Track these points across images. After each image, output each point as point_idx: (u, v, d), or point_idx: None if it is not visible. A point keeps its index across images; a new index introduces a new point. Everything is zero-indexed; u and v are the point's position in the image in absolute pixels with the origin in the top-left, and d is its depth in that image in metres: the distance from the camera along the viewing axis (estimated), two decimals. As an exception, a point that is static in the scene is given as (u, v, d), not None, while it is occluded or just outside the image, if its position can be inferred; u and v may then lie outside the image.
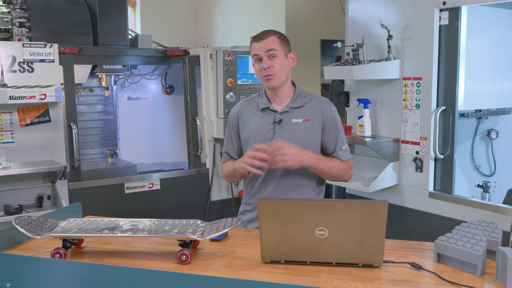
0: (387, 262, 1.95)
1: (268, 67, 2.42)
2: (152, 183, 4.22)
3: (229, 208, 4.49)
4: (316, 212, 1.86)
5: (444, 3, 3.37)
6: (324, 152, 2.54)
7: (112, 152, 4.65)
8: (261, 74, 2.46)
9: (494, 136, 3.96)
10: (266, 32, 2.47)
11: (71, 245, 2.07)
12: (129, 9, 6.51)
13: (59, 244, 2.06)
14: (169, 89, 4.92)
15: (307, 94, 2.56)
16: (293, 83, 2.58)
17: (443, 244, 1.95)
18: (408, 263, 1.94)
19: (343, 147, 2.52)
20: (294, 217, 1.87)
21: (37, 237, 1.98)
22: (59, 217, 2.28)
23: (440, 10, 3.44)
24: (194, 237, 1.95)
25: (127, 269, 1.73)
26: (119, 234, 2.00)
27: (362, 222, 1.85)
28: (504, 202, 3.56)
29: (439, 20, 3.45)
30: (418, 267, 1.90)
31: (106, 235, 2.00)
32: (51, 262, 1.79)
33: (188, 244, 2.00)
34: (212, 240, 2.21)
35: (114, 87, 4.72)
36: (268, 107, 2.52)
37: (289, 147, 2.33)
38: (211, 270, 1.90)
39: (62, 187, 3.78)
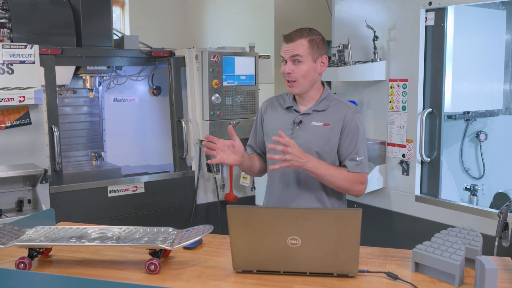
0: (363, 271, 1.88)
1: (289, 73, 2.33)
2: (136, 186, 4.14)
3: (215, 211, 4.41)
4: (288, 220, 1.80)
5: (430, 3, 3.32)
6: (339, 158, 2.42)
7: (96, 154, 4.57)
8: (284, 76, 2.37)
9: (483, 138, 3.91)
10: (298, 34, 2.32)
11: (37, 254, 2.00)
12: (118, 9, 6.46)
13: (26, 252, 1.99)
14: (156, 90, 4.85)
15: (334, 98, 2.44)
16: (323, 85, 2.46)
17: (420, 253, 1.89)
18: (385, 272, 1.88)
19: (357, 159, 2.35)
20: (265, 225, 1.81)
21: (0, 246, 1.91)
22: (30, 224, 2.21)
23: (426, 11, 3.39)
24: (163, 246, 1.89)
25: (90, 281, 1.67)
26: (86, 243, 1.94)
27: (336, 231, 1.79)
28: (491, 206, 3.50)
29: (425, 21, 3.40)
30: (394, 277, 1.85)
31: (72, 244, 1.93)
32: (12, 273, 1.72)
33: (158, 253, 1.93)
34: (186, 247, 2.14)
35: (100, 88, 4.65)
36: (292, 106, 2.45)
37: (294, 147, 2.20)
38: (180, 281, 1.84)
39: (43, 191, 3.71)
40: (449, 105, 3.47)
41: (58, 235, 2.02)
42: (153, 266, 1.88)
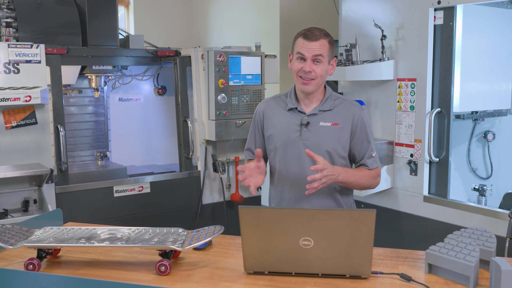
0: (376, 273, 1.86)
1: (309, 71, 2.30)
2: (142, 187, 4.12)
3: (221, 211, 4.39)
4: (300, 221, 1.77)
5: (439, 2, 3.29)
6: (352, 158, 2.42)
7: (102, 154, 4.55)
8: (299, 74, 2.33)
9: (491, 138, 3.88)
10: (318, 33, 2.30)
11: (46, 254, 1.98)
12: (123, 9, 6.43)
13: (35, 253, 1.98)
14: (161, 90, 4.83)
15: (338, 97, 2.44)
16: (324, 85, 2.45)
17: (434, 254, 1.86)
18: (398, 274, 1.85)
19: (373, 155, 2.40)
20: (277, 226, 1.78)
21: (10, 247, 1.89)
22: (38, 224, 2.20)
23: (435, 10, 3.37)
24: (174, 247, 1.87)
25: (99, 282, 1.65)
26: (96, 244, 1.92)
27: (349, 232, 1.77)
28: (500, 207, 3.47)
29: (434, 20, 3.38)
30: (407, 278, 1.82)
31: (82, 245, 1.92)
32: (21, 274, 1.70)
33: (168, 254, 1.91)
34: (195, 248, 2.12)
35: (105, 88, 4.63)
36: (296, 108, 2.41)
37: (326, 166, 2.18)
38: (190, 282, 1.82)
39: (49, 191, 3.69)
40: (457, 104, 3.44)
41: (67, 236, 2.00)
42: (163, 267, 1.86)
